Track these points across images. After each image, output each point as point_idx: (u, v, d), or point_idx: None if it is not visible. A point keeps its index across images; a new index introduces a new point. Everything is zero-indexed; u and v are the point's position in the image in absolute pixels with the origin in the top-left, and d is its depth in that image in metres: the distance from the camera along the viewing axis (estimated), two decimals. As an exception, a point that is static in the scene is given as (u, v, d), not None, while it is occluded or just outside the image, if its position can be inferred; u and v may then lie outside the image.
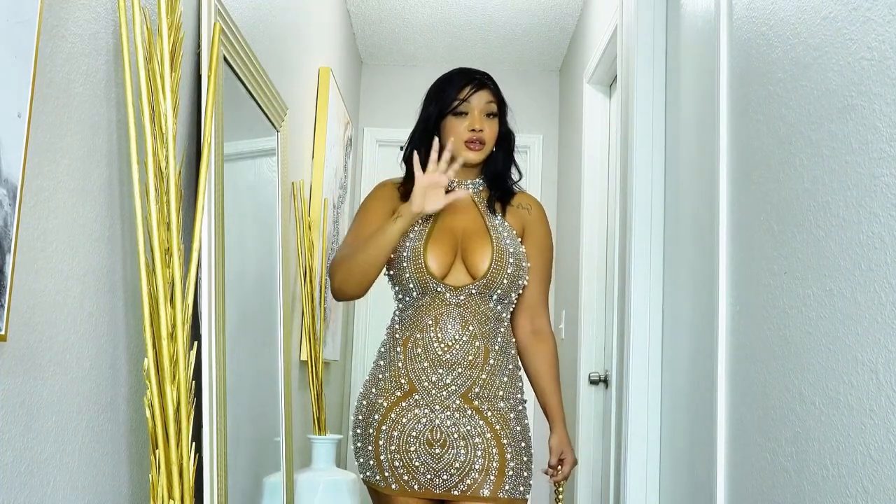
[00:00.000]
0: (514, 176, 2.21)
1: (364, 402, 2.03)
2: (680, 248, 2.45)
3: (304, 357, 3.37)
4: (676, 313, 2.46)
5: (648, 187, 2.64)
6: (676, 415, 2.41)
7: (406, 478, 1.95)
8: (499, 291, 2.03)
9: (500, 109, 2.15)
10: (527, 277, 2.09)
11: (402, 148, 2.20)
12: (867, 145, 1.30)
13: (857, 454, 1.30)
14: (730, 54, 1.96)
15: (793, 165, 1.58)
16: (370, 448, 1.99)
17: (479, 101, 2.09)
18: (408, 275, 2.01)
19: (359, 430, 2.03)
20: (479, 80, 2.12)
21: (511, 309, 2.10)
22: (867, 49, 1.31)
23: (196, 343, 1.69)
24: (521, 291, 2.09)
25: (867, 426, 1.27)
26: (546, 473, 2.11)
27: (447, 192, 2.02)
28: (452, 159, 2.02)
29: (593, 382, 3.64)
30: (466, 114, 2.08)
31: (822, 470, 1.41)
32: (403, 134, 2.23)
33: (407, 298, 2.05)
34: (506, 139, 2.17)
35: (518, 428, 2.01)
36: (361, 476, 2.05)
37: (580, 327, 3.76)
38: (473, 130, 2.07)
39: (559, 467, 2.09)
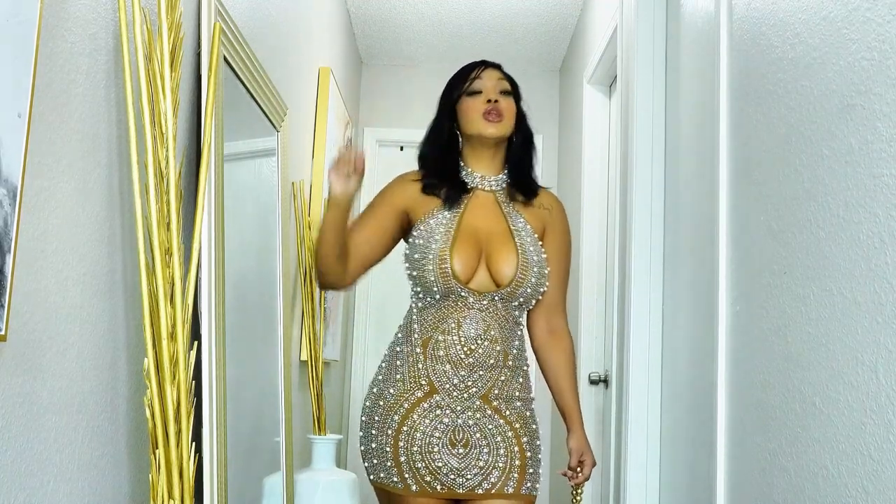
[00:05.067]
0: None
1: (380, 403, 2.00)
2: (680, 248, 2.45)
3: (304, 357, 3.36)
4: (676, 313, 2.45)
5: (648, 187, 2.64)
6: (676, 414, 2.41)
7: (428, 479, 1.94)
8: (521, 299, 2.04)
9: (514, 91, 2.16)
10: (547, 283, 2.08)
11: (403, 148, 2.21)
12: (867, 145, 1.30)
13: (857, 454, 1.30)
14: (730, 54, 1.96)
15: (793, 165, 1.58)
16: (388, 449, 1.96)
17: (490, 78, 2.13)
18: (433, 277, 1.98)
19: (373, 431, 1.99)
20: (488, 62, 2.18)
21: (527, 311, 2.12)
22: (867, 49, 1.31)
23: (196, 343, 1.69)
24: (540, 297, 2.09)
25: (867, 426, 1.27)
26: (565, 475, 2.10)
27: (470, 189, 2.10)
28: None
29: (593, 382, 3.64)
30: (480, 92, 2.11)
31: (822, 470, 1.41)
32: (403, 134, 2.24)
33: (428, 299, 2.02)
34: (524, 121, 2.18)
35: (534, 426, 2.04)
36: (372, 478, 2.00)
37: (580, 327, 3.76)
38: (489, 101, 2.08)
39: (579, 469, 2.09)
